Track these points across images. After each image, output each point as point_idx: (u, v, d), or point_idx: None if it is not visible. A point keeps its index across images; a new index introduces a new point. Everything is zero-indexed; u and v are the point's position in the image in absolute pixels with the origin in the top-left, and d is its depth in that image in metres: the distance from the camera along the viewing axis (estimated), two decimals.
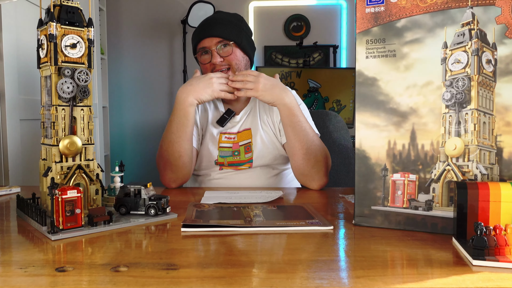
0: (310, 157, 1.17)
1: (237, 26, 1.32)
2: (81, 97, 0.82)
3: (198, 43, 1.32)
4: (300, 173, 1.21)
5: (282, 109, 1.18)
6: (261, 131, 1.31)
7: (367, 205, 0.77)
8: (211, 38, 1.28)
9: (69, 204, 0.71)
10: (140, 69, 3.30)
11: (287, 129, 1.20)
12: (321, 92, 2.82)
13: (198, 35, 1.31)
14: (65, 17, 0.80)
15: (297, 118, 1.18)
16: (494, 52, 0.68)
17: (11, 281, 0.52)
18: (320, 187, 1.19)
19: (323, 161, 1.19)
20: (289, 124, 1.19)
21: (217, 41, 1.27)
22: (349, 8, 3.20)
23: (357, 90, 0.77)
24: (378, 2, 0.75)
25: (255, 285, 0.51)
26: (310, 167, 1.18)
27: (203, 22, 1.34)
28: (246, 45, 1.33)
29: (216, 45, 1.27)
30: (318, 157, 1.18)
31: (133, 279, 0.52)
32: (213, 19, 1.33)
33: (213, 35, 1.27)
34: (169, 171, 1.21)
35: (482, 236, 0.59)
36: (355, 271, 0.56)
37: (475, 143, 0.70)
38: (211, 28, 1.29)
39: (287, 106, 1.18)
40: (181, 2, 3.21)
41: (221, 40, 1.27)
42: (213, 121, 1.33)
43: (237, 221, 0.79)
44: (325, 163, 1.20)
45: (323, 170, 1.19)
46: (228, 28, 1.29)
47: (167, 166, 1.21)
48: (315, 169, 1.18)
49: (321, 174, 1.18)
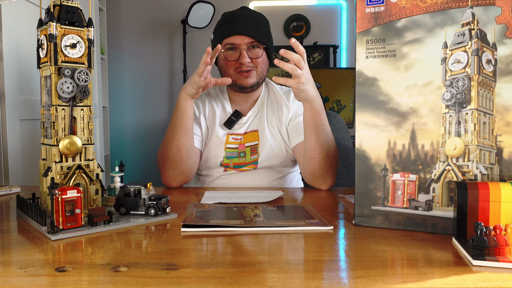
0: (327, 161, 1.15)
1: (267, 29, 1.29)
2: (81, 97, 0.82)
3: (226, 37, 1.26)
4: (313, 176, 1.18)
5: (310, 109, 1.11)
6: (268, 133, 1.30)
7: (367, 205, 0.77)
8: (243, 36, 1.24)
9: (69, 204, 0.71)
10: (140, 69, 3.30)
11: (310, 130, 1.13)
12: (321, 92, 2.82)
13: (228, 30, 1.26)
14: (65, 17, 0.80)
15: (322, 121, 1.12)
16: (494, 52, 0.68)
17: (11, 281, 0.52)
18: (328, 188, 1.19)
19: (336, 164, 1.19)
20: (313, 126, 1.12)
21: (249, 41, 1.24)
22: (349, 8, 3.21)
23: (357, 90, 0.77)
24: (378, 2, 0.75)
25: (255, 285, 0.51)
26: (325, 170, 1.16)
27: (231, 17, 1.28)
28: (272, 51, 1.32)
29: (247, 45, 1.24)
30: (334, 161, 1.16)
31: (133, 279, 0.52)
32: (243, 15, 1.28)
33: (246, 34, 1.23)
34: (168, 168, 1.21)
35: (482, 236, 0.59)
36: (355, 271, 0.56)
37: (475, 143, 0.70)
38: (244, 26, 1.24)
39: (316, 108, 1.10)
40: (181, 2, 3.21)
41: (253, 41, 1.24)
42: (221, 123, 1.32)
43: (237, 221, 0.79)
44: (337, 165, 1.20)
45: (335, 173, 1.18)
46: (261, 30, 1.26)
47: (166, 162, 1.21)
48: (328, 173, 1.17)
49: (333, 177, 1.18)
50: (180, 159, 1.19)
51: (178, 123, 1.19)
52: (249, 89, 1.28)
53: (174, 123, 1.19)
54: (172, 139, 1.19)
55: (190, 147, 1.22)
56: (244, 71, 1.25)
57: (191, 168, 1.24)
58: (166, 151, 1.21)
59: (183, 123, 1.19)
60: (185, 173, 1.22)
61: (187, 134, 1.20)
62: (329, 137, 1.15)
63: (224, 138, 1.30)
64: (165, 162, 1.21)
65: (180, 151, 1.19)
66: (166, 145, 1.21)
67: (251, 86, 1.27)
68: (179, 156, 1.19)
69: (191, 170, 1.24)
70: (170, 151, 1.19)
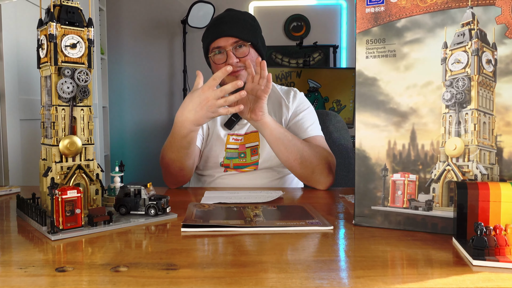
0: (307, 165, 1.16)
1: (252, 26, 1.28)
2: (81, 97, 0.82)
3: (211, 42, 1.27)
4: (305, 180, 1.21)
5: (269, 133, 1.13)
6: None
7: (367, 205, 0.77)
8: (226, 38, 1.24)
9: (69, 204, 0.71)
10: (140, 69, 3.30)
11: (275, 143, 1.15)
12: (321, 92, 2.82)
13: (212, 34, 1.26)
14: (65, 17, 0.80)
15: (280, 132, 1.14)
16: (494, 52, 0.68)
17: (11, 281, 0.52)
18: (327, 187, 1.19)
19: (322, 163, 1.18)
20: (275, 140, 1.14)
21: (233, 41, 1.24)
22: (349, 8, 3.21)
23: (357, 90, 0.77)
24: (378, 2, 0.75)
25: (255, 285, 0.51)
26: (310, 173, 1.17)
27: (216, 21, 1.28)
28: (260, 46, 1.30)
29: (232, 45, 1.24)
30: (314, 161, 1.16)
31: (133, 279, 0.52)
32: (227, 17, 1.28)
33: (230, 34, 1.23)
34: (169, 177, 1.21)
35: (482, 236, 0.59)
36: (355, 271, 0.56)
37: (475, 143, 0.70)
38: (227, 27, 1.24)
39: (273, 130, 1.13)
40: (181, 2, 3.21)
41: (238, 41, 1.24)
42: (221, 123, 1.32)
43: (237, 221, 0.79)
44: (325, 164, 1.18)
45: (325, 171, 1.18)
46: (245, 28, 1.25)
47: (168, 175, 1.21)
48: (316, 173, 1.17)
49: (325, 175, 1.18)
50: (184, 175, 1.20)
51: (184, 152, 1.13)
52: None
53: (179, 151, 1.13)
54: (176, 162, 1.15)
55: (193, 163, 1.21)
56: (234, 72, 1.24)
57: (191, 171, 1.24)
58: (168, 169, 1.18)
59: (188, 151, 1.14)
60: (187, 179, 1.24)
61: (191, 156, 1.17)
62: (297, 143, 1.16)
63: (224, 139, 1.30)
64: (167, 174, 1.21)
65: (184, 170, 1.18)
66: (168, 164, 1.17)
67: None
68: (183, 174, 1.19)
69: (191, 173, 1.25)
70: (173, 170, 1.17)
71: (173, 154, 1.14)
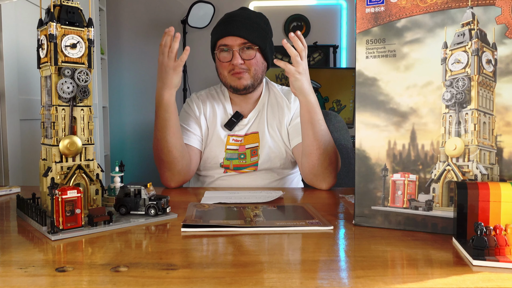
0: (325, 158, 1.14)
1: (263, 30, 1.26)
2: (81, 97, 0.82)
3: (219, 39, 1.25)
4: (312, 174, 1.18)
5: (305, 103, 1.12)
6: (268, 135, 1.30)
7: (367, 205, 0.77)
8: (235, 38, 1.22)
9: (69, 204, 0.71)
10: (140, 69, 3.30)
11: (307, 126, 1.13)
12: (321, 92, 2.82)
13: (222, 31, 1.25)
14: (65, 17, 0.80)
15: (317, 115, 1.13)
16: (494, 52, 0.68)
17: (11, 281, 0.52)
18: (329, 187, 1.19)
19: (336, 163, 1.18)
20: (309, 120, 1.12)
21: (241, 42, 1.23)
22: (349, 8, 3.21)
23: (357, 90, 0.77)
24: (378, 2, 0.75)
25: (255, 285, 0.51)
26: (324, 168, 1.16)
27: (228, 18, 1.27)
28: (268, 51, 1.28)
29: (239, 46, 1.23)
30: (332, 158, 1.16)
31: (133, 279, 0.52)
32: (240, 16, 1.26)
33: (239, 35, 1.22)
34: (164, 169, 1.21)
35: (482, 236, 0.59)
36: (355, 271, 0.56)
37: (475, 143, 0.70)
38: (237, 26, 1.22)
39: (311, 102, 1.11)
40: (181, 2, 3.21)
41: (246, 42, 1.23)
42: (221, 124, 1.32)
43: (237, 221, 0.79)
44: (337, 164, 1.19)
45: (334, 171, 1.18)
46: (255, 31, 1.24)
47: (160, 164, 1.20)
48: (328, 170, 1.16)
49: (333, 175, 1.17)
50: (174, 159, 1.18)
51: (165, 124, 1.15)
52: (243, 91, 1.27)
53: (161, 124, 1.16)
54: (161, 141, 1.17)
55: (181, 145, 1.20)
56: (237, 73, 1.24)
57: (187, 166, 1.23)
58: (158, 154, 1.19)
59: (170, 122, 1.15)
60: (182, 172, 1.21)
61: (175, 133, 1.17)
62: (326, 133, 1.15)
63: (224, 139, 1.30)
64: (160, 164, 1.21)
65: (172, 151, 1.17)
66: (156, 148, 1.19)
67: (245, 88, 1.26)
68: (172, 157, 1.18)
69: (188, 169, 1.23)
70: (161, 153, 1.18)
71: (158, 132, 1.17)
